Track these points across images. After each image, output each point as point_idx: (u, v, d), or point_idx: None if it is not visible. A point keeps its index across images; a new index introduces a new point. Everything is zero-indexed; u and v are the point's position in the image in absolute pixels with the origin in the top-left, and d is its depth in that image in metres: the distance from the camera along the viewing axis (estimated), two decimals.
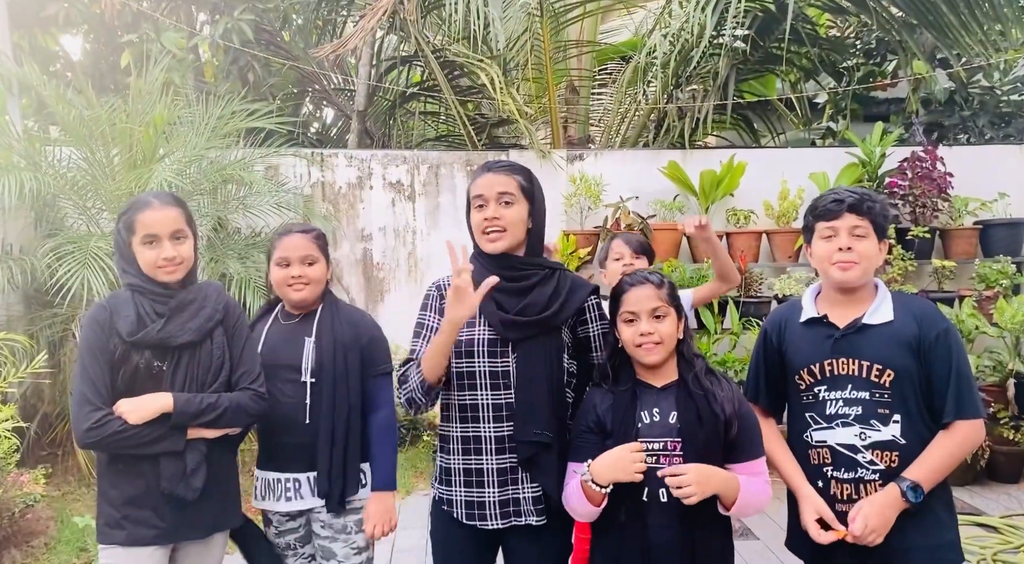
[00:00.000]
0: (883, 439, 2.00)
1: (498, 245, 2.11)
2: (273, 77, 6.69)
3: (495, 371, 2.11)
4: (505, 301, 2.10)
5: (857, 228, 2.02)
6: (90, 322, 2.14)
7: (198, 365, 2.17)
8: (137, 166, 4.69)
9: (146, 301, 2.16)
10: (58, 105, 4.73)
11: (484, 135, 6.75)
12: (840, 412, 2.04)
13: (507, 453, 2.11)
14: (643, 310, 2.00)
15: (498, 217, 2.10)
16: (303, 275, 2.36)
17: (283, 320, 2.44)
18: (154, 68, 5.10)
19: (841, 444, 2.04)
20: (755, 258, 5.72)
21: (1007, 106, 7.05)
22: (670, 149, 6.22)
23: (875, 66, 7.54)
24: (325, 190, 5.98)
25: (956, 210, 5.74)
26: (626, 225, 5.62)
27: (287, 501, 2.36)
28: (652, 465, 1.95)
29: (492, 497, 2.12)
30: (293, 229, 2.44)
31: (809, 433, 2.10)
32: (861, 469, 2.02)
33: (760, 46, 6.49)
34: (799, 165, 5.87)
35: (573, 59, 7.15)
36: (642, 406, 2.00)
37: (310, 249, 2.39)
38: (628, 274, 2.11)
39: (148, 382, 2.12)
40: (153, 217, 2.15)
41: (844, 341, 2.05)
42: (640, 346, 2.00)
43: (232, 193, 5.42)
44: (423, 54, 6.29)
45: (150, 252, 2.15)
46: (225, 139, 5.23)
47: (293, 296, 2.38)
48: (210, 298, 2.24)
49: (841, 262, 2.04)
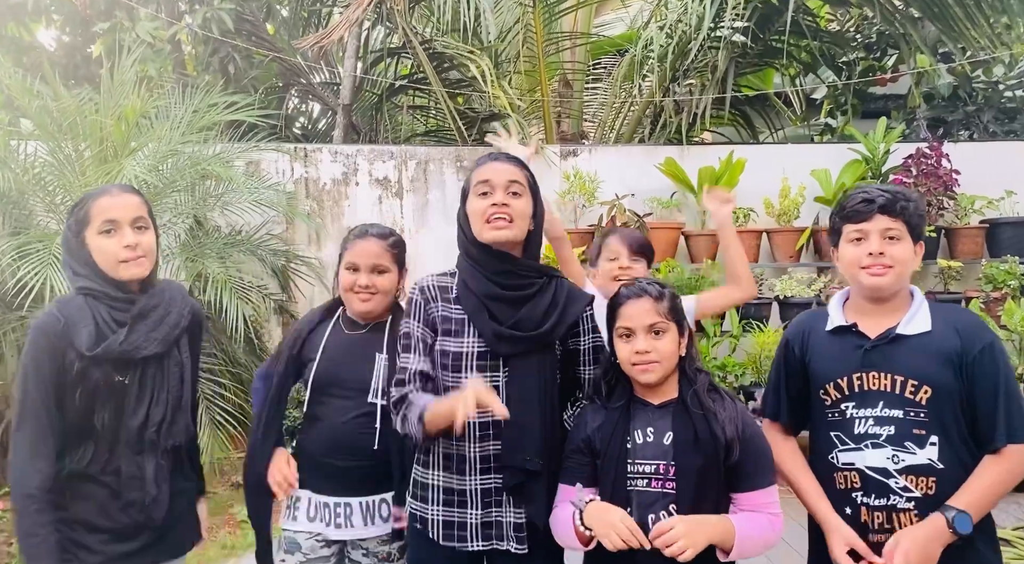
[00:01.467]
0: (919, 463, 1.81)
1: (503, 233, 1.89)
2: (255, 69, 6.44)
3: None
4: (499, 311, 1.89)
5: (890, 230, 1.85)
6: (39, 335, 1.89)
7: (164, 378, 1.98)
8: (108, 160, 4.44)
9: (103, 308, 1.93)
10: (22, 96, 4.47)
11: (475, 130, 6.52)
12: (870, 432, 1.85)
13: (492, 473, 1.91)
14: (640, 326, 1.81)
15: (507, 204, 1.89)
16: (371, 285, 2.18)
17: (347, 329, 2.24)
18: (128, 58, 4.85)
19: (871, 467, 1.84)
20: (755, 258, 5.53)
21: (1012, 101, 6.88)
22: (667, 145, 6.01)
23: (875, 61, 7.36)
24: (309, 186, 5.75)
25: (962, 208, 5.56)
26: (621, 223, 5.41)
27: (336, 528, 2.16)
28: (643, 489, 1.77)
29: (474, 518, 1.92)
30: (369, 231, 2.24)
31: (835, 454, 1.90)
32: (894, 496, 1.82)
33: (760, 39, 6.29)
34: (800, 162, 5.68)
35: (566, 52, 6.93)
36: (635, 425, 1.82)
37: (382, 258, 2.20)
38: (626, 285, 1.91)
39: (109, 399, 1.91)
40: (112, 202, 1.95)
41: (875, 353, 1.86)
42: (636, 365, 1.80)
43: (210, 190, 5.17)
44: (411, 46, 6.06)
45: (109, 241, 1.92)
46: (203, 133, 4.98)
47: (357, 306, 2.20)
48: (175, 302, 2.05)
49: (872, 267, 1.84)
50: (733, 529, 1.73)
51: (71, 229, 1.97)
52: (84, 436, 1.91)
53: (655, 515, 1.76)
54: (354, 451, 2.12)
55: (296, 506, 2.21)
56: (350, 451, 2.13)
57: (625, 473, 1.79)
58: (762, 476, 1.80)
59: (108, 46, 5.51)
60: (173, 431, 1.99)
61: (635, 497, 1.77)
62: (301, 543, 2.19)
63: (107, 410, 1.91)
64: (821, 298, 5.33)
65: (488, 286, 1.91)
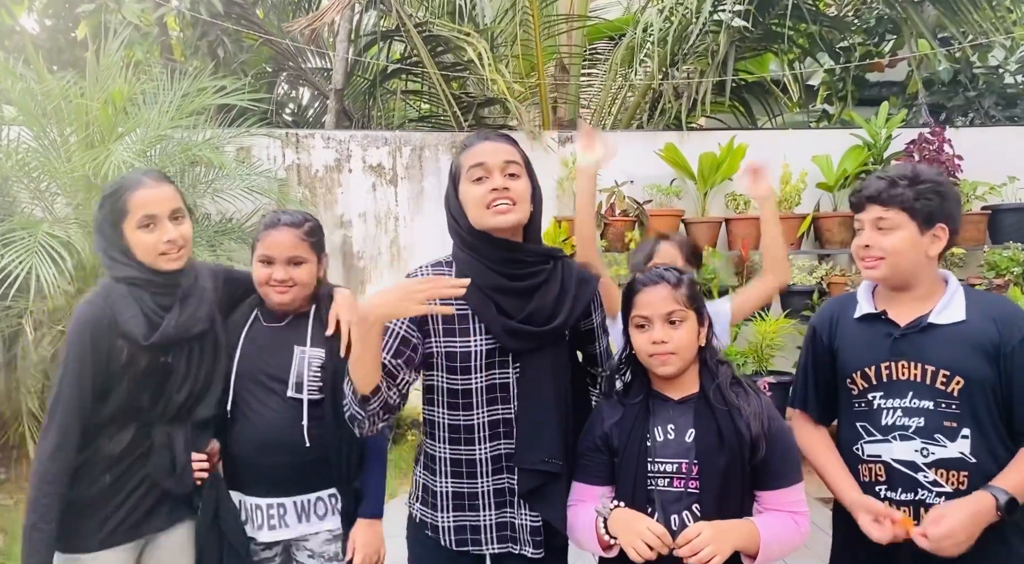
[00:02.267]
0: (950, 456, 1.74)
1: (507, 218, 1.74)
2: (245, 53, 6.30)
3: (492, 384, 1.78)
4: (508, 304, 1.76)
5: (881, 220, 1.79)
6: (87, 328, 1.88)
7: (203, 356, 2.00)
8: (94, 146, 4.31)
9: (147, 295, 1.94)
10: (4, 78, 4.32)
11: (470, 115, 6.40)
12: (898, 423, 1.79)
13: (504, 473, 1.79)
14: (657, 314, 1.71)
15: (508, 187, 1.74)
16: (288, 278, 2.04)
17: (265, 321, 2.12)
18: (113, 40, 4.70)
19: (898, 460, 1.79)
20: (756, 245, 5.43)
21: (1013, 87, 6.82)
22: (665, 131, 5.91)
23: (873, 46, 7.28)
24: (301, 173, 5.63)
25: (964, 195, 5.49)
26: (621, 211, 5.33)
27: (270, 530, 2.06)
28: (664, 489, 1.68)
29: (488, 520, 1.81)
30: (282, 220, 2.08)
31: (860, 445, 1.84)
32: (923, 490, 1.76)
33: (760, 22, 6.19)
34: (801, 148, 5.60)
35: (563, 36, 6.81)
36: (656, 422, 1.73)
37: (298, 247, 2.05)
38: (645, 272, 1.80)
39: (152, 380, 1.94)
40: (150, 195, 1.93)
41: (905, 341, 1.79)
42: (653, 356, 1.71)
43: (200, 176, 5.05)
44: (405, 29, 5.93)
45: (149, 236, 1.93)
46: (192, 118, 4.85)
47: (275, 298, 2.07)
48: (205, 277, 2.06)
49: (865, 260, 1.82)
50: (758, 534, 1.65)
51: (107, 219, 1.95)
52: (128, 419, 1.94)
53: (678, 515, 1.67)
54: (282, 448, 2.01)
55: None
56: (278, 448, 2.01)
57: (646, 472, 1.70)
58: (788, 474, 1.71)
59: (93, 28, 5.36)
60: (208, 403, 2.02)
61: (657, 497, 1.69)
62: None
63: (149, 391, 1.94)
64: (823, 286, 5.26)
65: (493, 277, 1.76)
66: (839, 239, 5.42)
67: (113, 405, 1.91)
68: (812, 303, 5.22)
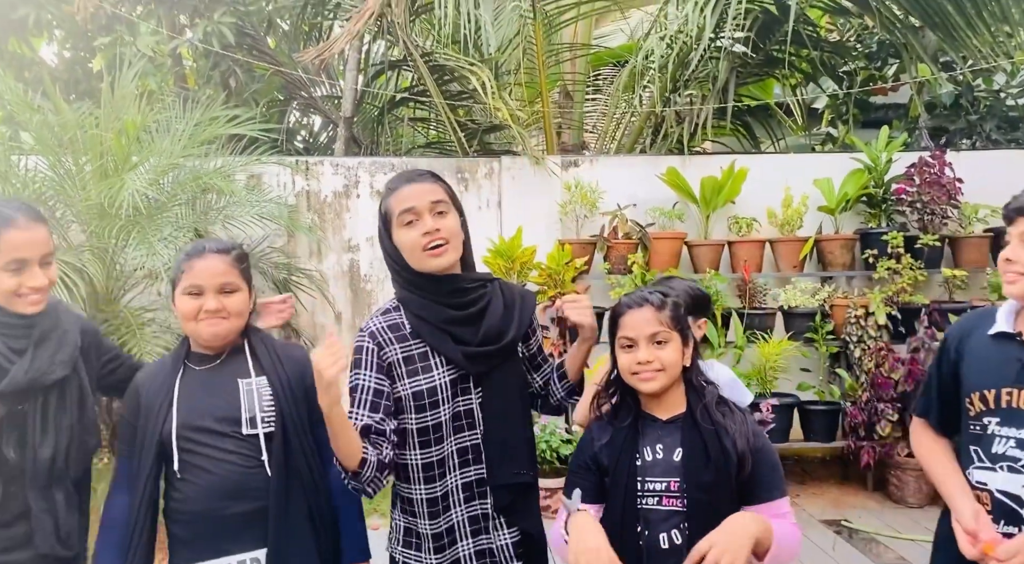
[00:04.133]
0: None
1: (444, 259, 1.82)
2: (256, 83, 6.44)
3: (458, 413, 1.85)
4: (461, 333, 1.83)
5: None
6: None
7: (66, 403, 1.82)
8: (108, 175, 4.42)
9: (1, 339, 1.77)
10: (22, 110, 4.46)
11: (475, 141, 6.51)
12: (1008, 454, 1.72)
13: (476, 499, 1.85)
14: (642, 336, 1.77)
15: (439, 228, 1.81)
16: (221, 308, 1.87)
17: (197, 366, 1.94)
18: (128, 72, 4.84)
19: (1003, 492, 1.72)
20: (758, 268, 5.50)
21: (1014, 110, 6.87)
22: (668, 155, 6.00)
23: (875, 70, 7.35)
24: (310, 199, 5.74)
25: (966, 217, 5.53)
26: (623, 234, 5.39)
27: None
28: (653, 507, 1.73)
29: (467, 550, 1.86)
30: (207, 247, 1.93)
31: (971, 470, 1.79)
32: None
33: (760, 49, 6.29)
34: (802, 171, 5.66)
35: (567, 63, 6.94)
36: (644, 442, 1.77)
37: (228, 274, 1.90)
38: (628, 293, 1.88)
39: (12, 432, 1.75)
40: (23, 238, 1.76)
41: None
42: (637, 374, 1.76)
43: (212, 203, 5.16)
44: (412, 58, 6.06)
45: (12, 280, 1.76)
46: (204, 147, 4.97)
47: (205, 332, 1.89)
48: (67, 320, 1.89)
49: (1008, 274, 1.75)
50: (771, 525, 1.64)
51: None
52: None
53: (666, 533, 1.72)
54: (245, 492, 1.84)
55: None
56: (239, 493, 1.84)
57: (635, 491, 1.75)
58: (775, 487, 1.76)
59: (109, 60, 5.52)
60: (82, 457, 1.85)
61: (645, 516, 1.73)
62: None
63: (12, 444, 1.75)
64: (826, 308, 5.30)
65: (443, 312, 1.84)
66: (841, 261, 5.46)
67: None
68: (815, 325, 5.25)
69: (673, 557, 1.68)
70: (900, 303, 5.18)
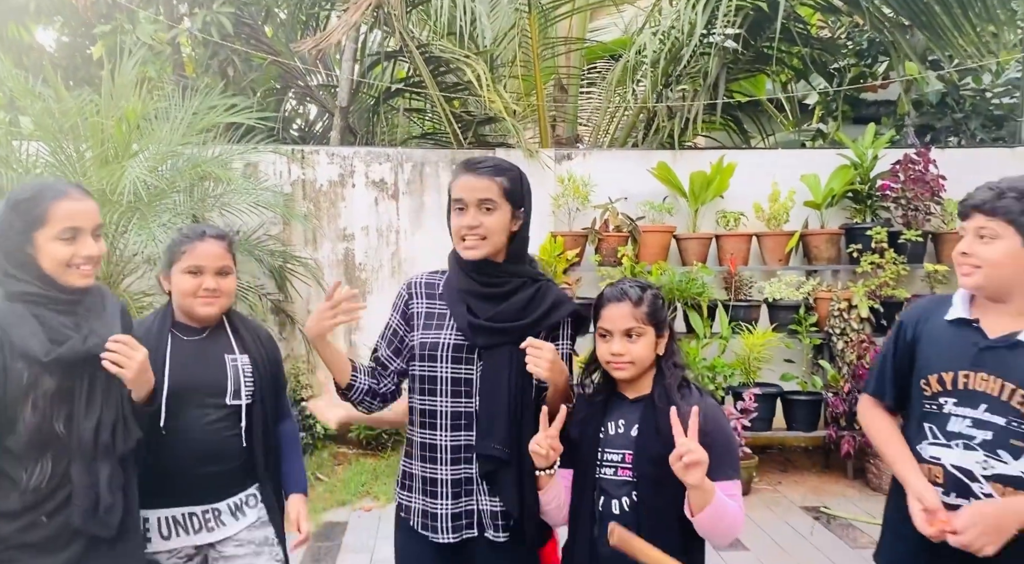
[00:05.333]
0: (1009, 473, 1.77)
1: (474, 253, 1.97)
2: (254, 72, 6.53)
3: (457, 378, 2.00)
4: (477, 306, 1.99)
5: (983, 229, 1.79)
6: None
7: (110, 381, 1.86)
8: (109, 162, 4.51)
9: (48, 312, 1.81)
10: (24, 97, 4.54)
11: (470, 133, 6.61)
12: (964, 432, 1.82)
13: (463, 463, 2.00)
14: (617, 329, 1.90)
15: (477, 225, 1.96)
16: (217, 288, 2.12)
17: (185, 336, 2.15)
18: (128, 60, 4.92)
19: (957, 466, 1.83)
20: (745, 261, 5.62)
21: (999, 109, 6.99)
22: (659, 149, 6.10)
23: (866, 67, 7.47)
24: (306, 188, 5.83)
25: (948, 213, 5.66)
26: (614, 227, 5.50)
27: (208, 532, 2.13)
28: (609, 477, 1.89)
29: (444, 509, 2.01)
30: (207, 233, 2.16)
31: (923, 446, 1.89)
32: (975, 500, 1.79)
33: (751, 45, 6.39)
34: (790, 167, 5.77)
35: (561, 57, 7.03)
36: (610, 417, 1.93)
37: (225, 258, 2.15)
38: (614, 284, 2.00)
39: (62, 406, 1.80)
40: (78, 208, 1.83)
41: (990, 354, 1.80)
42: (609, 363, 1.91)
43: (209, 191, 5.25)
44: (408, 50, 6.14)
45: (66, 249, 1.81)
46: (202, 135, 5.06)
47: (200, 310, 2.12)
48: (107, 297, 1.98)
49: (962, 266, 1.84)
50: (713, 490, 1.75)
51: (14, 226, 1.81)
52: (41, 450, 1.78)
53: (618, 500, 1.86)
54: (220, 456, 2.10)
55: (149, 528, 2.09)
56: (216, 457, 2.09)
57: (595, 461, 1.91)
58: (725, 468, 1.83)
59: (109, 48, 5.58)
60: (127, 436, 1.89)
61: (602, 484, 1.89)
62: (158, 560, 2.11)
63: (61, 418, 1.80)
64: (810, 301, 5.42)
65: (468, 283, 2.01)
66: (826, 255, 5.59)
67: (23, 435, 1.76)
68: (798, 317, 5.38)
69: (623, 521, 1.82)
70: (883, 297, 5.31)
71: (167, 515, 2.10)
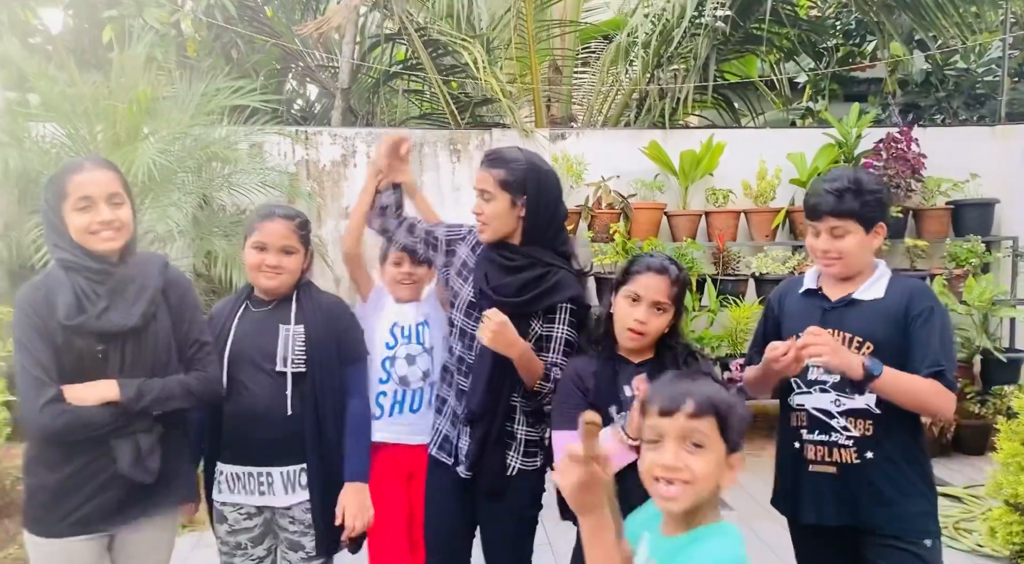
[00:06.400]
0: (857, 407, 2.11)
1: (481, 236, 2.27)
2: (256, 54, 6.68)
3: (465, 330, 2.27)
4: (492, 274, 2.23)
5: (835, 228, 2.12)
6: (24, 305, 1.96)
7: (142, 350, 2.01)
8: (121, 143, 4.70)
9: (81, 279, 1.97)
10: (40, 81, 4.72)
11: (467, 114, 6.79)
12: (820, 378, 2.15)
13: (459, 402, 2.32)
14: (648, 299, 2.05)
15: (480, 212, 2.24)
16: (279, 265, 2.27)
17: (254, 308, 2.34)
18: (137, 44, 5.08)
19: (817, 408, 2.16)
20: (733, 237, 5.83)
21: (981, 88, 7.17)
22: (651, 129, 6.29)
23: (854, 47, 7.63)
24: (309, 168, 6.01)
25: (929, 190, 5.86)
26: (607, 204, 5.70)
27: (260, 496, 2.27)
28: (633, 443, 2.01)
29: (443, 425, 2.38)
30: (276, 213, 2.31)
31: (792, 397, 2.23)
32: (835, 433, 2.13)
33: (741, 26, 6.55)
34: (777, 145, 5.96)
35: (556, 39, 7.18)
36: (622, 380, 2.09)
37: (290, 238, 2.28)
38: (654, 255, 2.16)
39: (92, 369, 1.95)
40: (88, 178, 1.99)
41: (833, 313, 2.16)
42: (630, 330, 2.06)
43: (217, 171, 5.43)
44: (407, 32, 6.31)
45: (83, 217, 1.96)
46: (209, 117, 5.23)
47: (263, 283, 2.29)
48: (152, 275, 2.07)
49: (823, 259, 2.18)
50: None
51: (48, 202, 2.01)
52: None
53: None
54: (268, 420, 2.21)
55: (219, 479, 2.30)
56: (265, 420, 2.21)
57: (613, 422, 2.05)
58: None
59: (117, 32, 5.74)
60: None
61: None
62: (227, 515, 2.29)
63: (92, 379, 1.95)
64: (796, 274, 5.64)
65: (488, 252, 2.28)
66: None
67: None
68: None
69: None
70: None
71: (230, 470, 2.28)
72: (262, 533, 2.32)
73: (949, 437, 5.26)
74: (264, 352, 2.24)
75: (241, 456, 2.27)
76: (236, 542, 2.30)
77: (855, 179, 2.13)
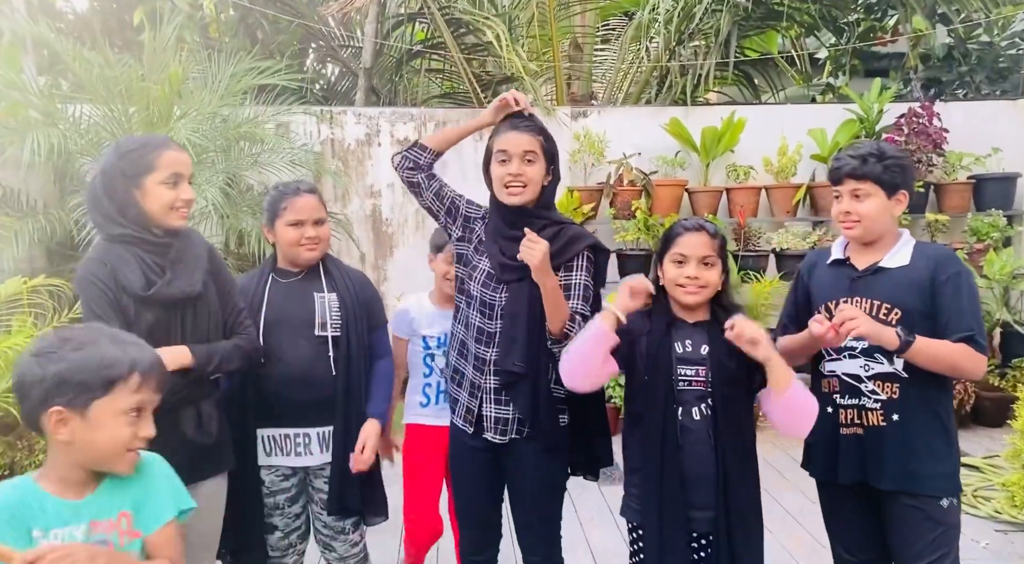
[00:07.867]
0: (885, 371, 2.19)
1: (516, 199, 2.29)
2: (281, 34, 6.75)
3: (484, 301, 2.33)
4: (506, 247, 2.30)
5: (857, 191, 2.19)
6: (91, 280, 2.01)
7: (198, 316, 2.13)
8: (154, 123, 4.81)
9: (144, 253, 2.06)
10: (75, 63, 4.83)
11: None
12: (849, 345, 2.23)
13: (482, 374, 2.33)
14: (694, 255, 2.14)
15: (521, 173, 2.28)
16: (317, 235, 2.43)
17: (283, 279, 2.47)
18: (166, 26, 5.18)
19: (847, 374, 2.25)
20: (754, 213, 5.88)
21: (1004, 61, 7.14)
22: (672, 106, 6.33)
23: (876, 21, 7.59)
24: (335, 147, 6.11)
25: (950, 165, 5.88)
26: (628, 181, 5.76)
27: (296, 457, 2.42)
28: (685, 388, 2.14)
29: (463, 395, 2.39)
30: (301, 188, 2.46)
31: (823, 364, 2.33)
32: (864, 397, 2.23)
33: (762, 2, 6.55)
34: (798, 121, 5.99)
35: (577, 16, 7.21)
36: (676, 337, 2.18)
37: (320, 211, 2.45)
38: (686, 219, 2.25)
39: (161, 339, 2.01)
40: (179, 157, 2.10)
41: (861, 282, 2.24)
42: (683, 286, 2.14)
43: (245, 150, 5.54)
44: (429, 11, 6.36)
45: (170, 192, 2.06)
46: (237, 97, 5.33)
47: (306, 255, 2.43)
48: (200, 245, 2.20)
49: (845, 223, 2.25)
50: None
51: (125, 172, 2.03)
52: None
53: (697, 408, 2.13)
54: (311, 382, 2.37)
55: (255, 445, 2.42)
56: (306, 382, 2.36)
57: (671, 376, 2.15)
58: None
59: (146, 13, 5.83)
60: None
61: (680, 395, 2.14)
62: (263, 478, 2.43)
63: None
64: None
65: (501, 226, 2.34)
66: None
67: None
68: None
69: (700, 427, 2.12)
70: None
71: (268, 434, 2.42)
72: (298, 492, 2.48)
73: (968, 409, 5.32)
74: (301, 318, 2.40)
75: (280, 418, 2.40)
76: (274, 502, 2.46)
77: (878, 146, 2.23)
